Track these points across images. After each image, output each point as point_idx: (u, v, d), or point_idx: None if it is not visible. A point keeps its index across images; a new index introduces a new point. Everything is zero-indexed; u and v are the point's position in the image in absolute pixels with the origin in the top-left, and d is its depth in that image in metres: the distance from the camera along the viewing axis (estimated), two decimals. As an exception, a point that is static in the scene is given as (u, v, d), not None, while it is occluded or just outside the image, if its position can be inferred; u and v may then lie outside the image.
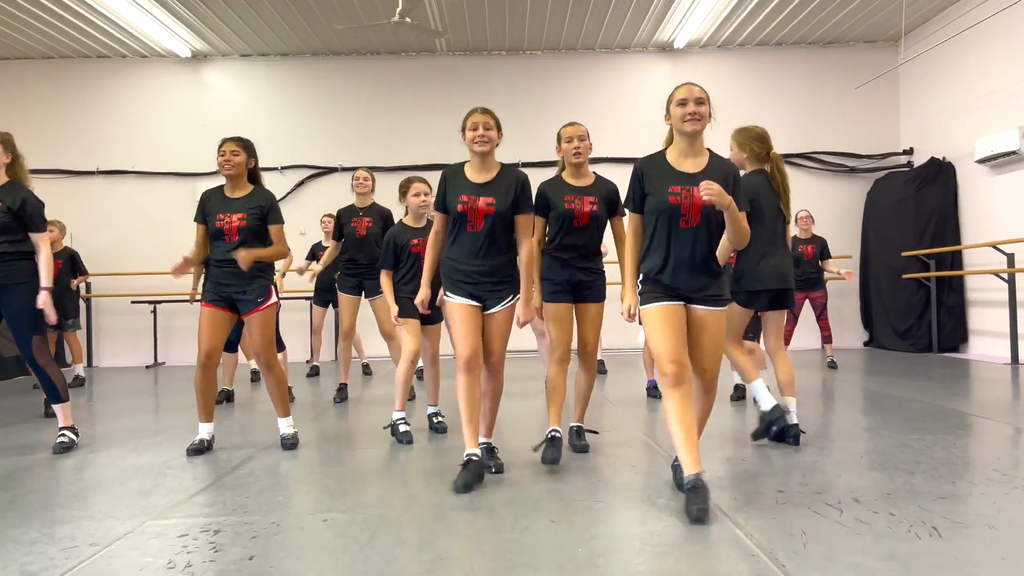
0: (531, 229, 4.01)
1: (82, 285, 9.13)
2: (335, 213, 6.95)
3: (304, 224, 11.16)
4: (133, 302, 11.40)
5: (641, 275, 3.53)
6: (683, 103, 3.44)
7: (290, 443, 4.82)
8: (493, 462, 4.02)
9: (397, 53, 12.06)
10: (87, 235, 11.63)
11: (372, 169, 6.43)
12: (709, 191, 3.23)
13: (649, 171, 3.50)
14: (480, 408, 3.94)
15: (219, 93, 12.08)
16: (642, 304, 3.48)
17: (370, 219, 6.57)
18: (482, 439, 4.06)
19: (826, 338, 8.93)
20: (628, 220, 3.63)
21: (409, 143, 11.67)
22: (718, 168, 3.48)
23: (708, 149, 3.55)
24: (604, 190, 4.39)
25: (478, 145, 3.91)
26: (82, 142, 11.90)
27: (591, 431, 4.73)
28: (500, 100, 11.93)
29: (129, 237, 11.69)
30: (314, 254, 9.12)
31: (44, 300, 4.83)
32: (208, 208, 4.75)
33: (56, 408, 5.00)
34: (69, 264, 8.64)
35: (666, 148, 3.59)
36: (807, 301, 8.71)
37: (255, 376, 8.64)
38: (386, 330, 6.36)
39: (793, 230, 8.96)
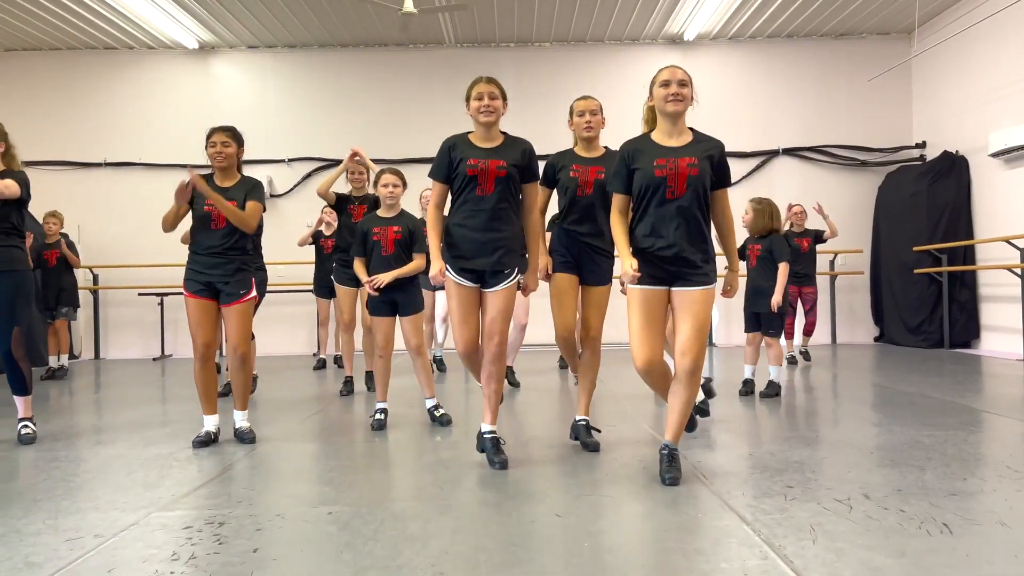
0: (538, 198, 4.03)
1: (81, 275, 9.20)
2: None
3: (312, 217, 11.13)
4: (140, 294, 11.44)
5: (631, 248, 3.64)
6: (666, 84, 3.59)
7: (248, 437, 4.79)
8: (498, 457, 3.95)
9: (405, 45, 12.03)
10: (94, 227, 11.67)
11: (379, 161, 6.42)
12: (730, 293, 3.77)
13: (635, 150, 3.65)
14: (497, 384, 4.00)
15: (226, 85, 12.09)
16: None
17: (365, 207, 6.60)
18: (487, 426, 4.03)
19: (807, 331, 8.89)
20: (614, 201, 3.72)
21: (417, 134, 11.63)
22: (702, 143, 3.62)
23: (690, 128, 3.68)
24: (614, 162, 4.27)
25: (484, 115, 3.89)
26: (89, 134, 11.93)
27: (595, 429, 4.54)
28: (508, 92, 11.81)
29: (136, 229, 11.71)
30: (316, 241, 9.01)
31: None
32: (196, 193, 4.71)
33: (19, 400, 5.03)
34: (64, 253, 8.78)
35: (650, 131, 3.72)
36: (799, 295, 8.67)
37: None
38: (366, 323, 6.45)
39: (786, 225, 8.92)
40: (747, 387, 6.38)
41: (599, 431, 4.54)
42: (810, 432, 4.77)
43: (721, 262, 3.74)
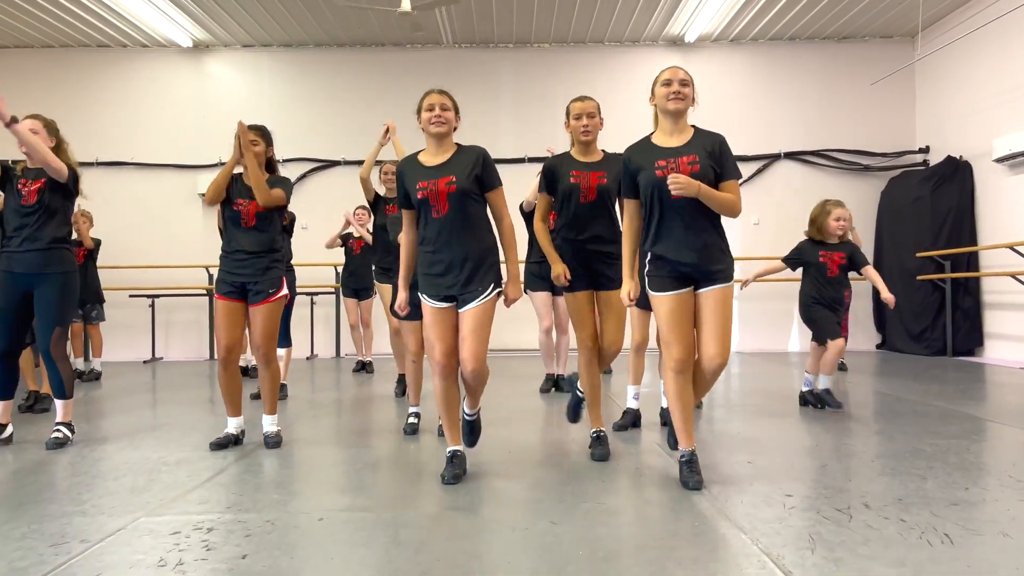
0: (504, 205, 3.87)
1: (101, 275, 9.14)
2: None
3: (306, 219, 11.10)
4: (131, 295, 11.42)
5: (649, 255, 3.68)
6: (668, 83, 3.66)
7: (273, 442, 4.79)
8: (449, 472, 3.80)
9: (402, 45, 12.04)
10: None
11: (376, 162, 6.39)
12: (676, 184, 3.44)
13: (636, 154, 3.72)
14: (459, 410, 3.94)
15: (221, 84, 12.09)
16: (652, 290, 3.68)
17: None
18: (468, 411, 3.99)
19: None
20: (625, 207, 3.81)
21: (414, 136, 11.61)
22: (703, 139, 3.67)
23: (692, 125, 3.74)
24: (616, 167, 4.23)
25: (435, 126, 3.79)
26: (81, 132, 11.86)
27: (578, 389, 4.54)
28: (506, 94, 11.93)
29: (128, 229, 11.70)
30: (345, 242, 9.01)
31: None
32: (230, 191, 4.77)
33: (58, 403, 5.00)
34: (93, 252, 8.74)
35: (651, 134, 3.79)
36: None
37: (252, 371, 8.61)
38: (394, 325, 6.44)
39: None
40: (820, 398, 5.96)
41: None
42: (809, 440, 4.77)
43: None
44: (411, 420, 5.22)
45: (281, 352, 7.00)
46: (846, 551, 2.72)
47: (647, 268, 3.71)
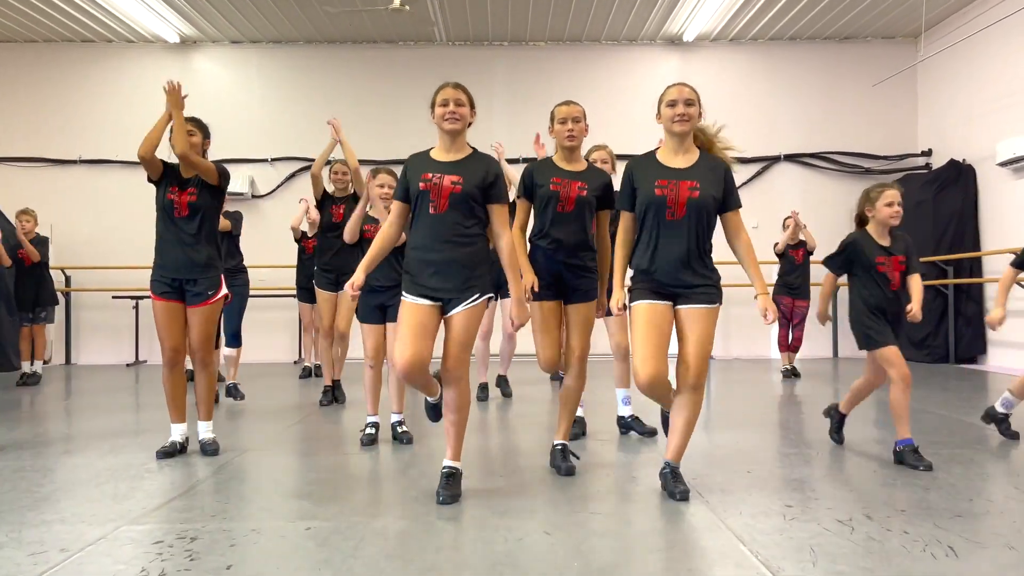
0: (508, 221, 3.79)
1: (54, 276, 9.14)
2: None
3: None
4: (114, 297, 11.37)
5: (632, 270, 3.73)
6: (673, 104, 3.67)
7: (211, 449, 4.73)
8: (444, 492, 3.60)
9: (394, 42, 12.03)
10: (67, 226, 11.60)
11: (367, 162, 6.43)
12: (772, 313, 3.60)
13: (638, 169, 3.75)
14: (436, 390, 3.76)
15: (208, 81, 12.05)
16: (632, 300, 3.69)
17: (344, 207, 6.72)
18: (448, 462, 3.72)
19: (795, 347, 8.94)
20: (621, 219, 3.81)
21: (407, 135, 11.58)
22: (707, 164, 3.69)
23: (698, 147, 3.76)
24: (597, 180, 4.21)
25: (448, 123, 3.69)
26: (64, 130, 11.87)
27: (574, 455, 4.31)
28: (501, 93, 11.92)
29: (111, 229, 11.65)
30: (299, 240, 8.85)
31: None
32: (167, 174, 4.76)
33: None
34: (42, 252, 8.72)
35: (657, 148, 3.82)
36: (792, 308, 8.71)
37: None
38: (339, 330, 6.71)
39: (817, 230, 8.95)
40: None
41: (577, 457, 4.34)
42: (810, 449, 4.77)
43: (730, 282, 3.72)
44: (368, 431, 5.09)
45: (232, 353, 7.01)
46: (848, 564, 2.71)
47: (630, 282, 3.74)
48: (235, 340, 7.04)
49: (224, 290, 4.77)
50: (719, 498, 3.60)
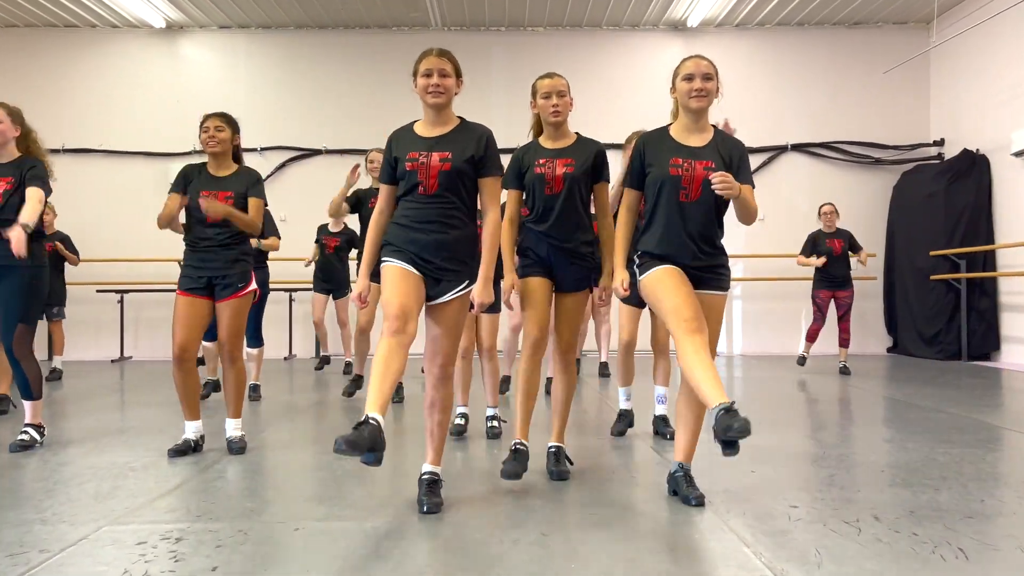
0: (498, 195, 3.66)
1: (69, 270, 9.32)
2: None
3: (285, 210, 11.03)
4: (99, 291, 11.36)
5: (640, 251, 3.59)
6: (690, 78, 3.54)
7: (237, 447, 4.74)
8: (429, 500, 3.44)
9: (387, 27, 12.00)
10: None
11: (359, 152, 6.40)
12: (724, 185, 3.29)
13: (651, 145, 3.61)
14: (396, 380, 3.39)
15: (195, 67, 12.03)
16: (642, 274, 3.54)
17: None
18: (428, 466, 3.58)
19: (844, 341, 8.90)
20: (624, 196, 3.68)
21: (398, 123, 11.51)
22: (723, 143, 3.58)
23: (713, 125, 3.65)
24: (586, 152, 4.02)
25: (431, 96, 3.52)
26: (47, 117, 11.71)
27: (568, 459, 4.17)
28: (499, 79, 11.89)
29: (96, 221, 11.63)
30: (319, 238, 8.97)
31: (17, 236, 4.60)
32: (191, 183, 4.71)
33: (26, 404, 4.96)
34: (59, 250, 8.79)
35: (670, 124, 3.68)
36: (832, 300, 8.75)
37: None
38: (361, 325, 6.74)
39: (816, 224, 8.98)
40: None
41: (571, 462, 4.21)
42: (817, 448, 4.77)
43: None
44: (457, 421, 5.25)
45: (253, 352, 7.00)
46: (855, 566, 2.71)
47: (636, 262, 3.60)
48: (256, 339, 6.99)
49: (254, 284, 4.79)
50: (722, 499, 3.60)
